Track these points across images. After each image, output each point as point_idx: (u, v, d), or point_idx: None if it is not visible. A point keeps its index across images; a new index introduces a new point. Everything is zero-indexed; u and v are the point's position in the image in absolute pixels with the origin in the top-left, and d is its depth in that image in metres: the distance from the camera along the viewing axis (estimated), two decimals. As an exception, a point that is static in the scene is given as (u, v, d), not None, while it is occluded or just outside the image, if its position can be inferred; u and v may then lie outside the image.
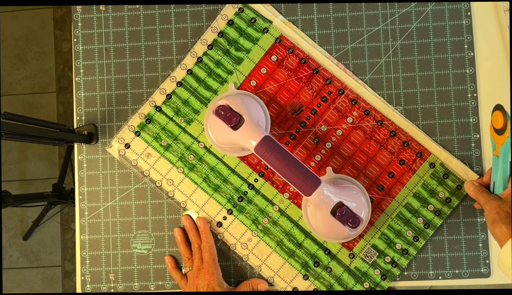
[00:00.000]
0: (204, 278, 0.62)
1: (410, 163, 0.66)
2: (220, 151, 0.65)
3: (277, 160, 0.58)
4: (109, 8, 0.71)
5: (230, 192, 0.68)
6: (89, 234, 0.69)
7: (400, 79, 0.68)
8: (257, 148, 0.58)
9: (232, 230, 0.67)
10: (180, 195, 0.68)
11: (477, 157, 0.66)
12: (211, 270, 0.63)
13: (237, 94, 0.64)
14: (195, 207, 0.68)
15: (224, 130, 0.61)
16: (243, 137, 0.59)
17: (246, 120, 0.60)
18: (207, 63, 0.69)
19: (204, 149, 0.68)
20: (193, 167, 0.68)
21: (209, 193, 0.68)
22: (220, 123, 0.61)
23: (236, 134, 0.60)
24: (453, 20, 0.68)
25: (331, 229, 0.59)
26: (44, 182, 1.53)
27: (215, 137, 0.63)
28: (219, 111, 0.61)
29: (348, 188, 0.61)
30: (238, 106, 0.61)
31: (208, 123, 0.63)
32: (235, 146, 0.63)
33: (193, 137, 0.68)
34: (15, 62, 1.56)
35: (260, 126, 0.61)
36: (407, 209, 0.65)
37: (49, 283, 1.52)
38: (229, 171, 0.68)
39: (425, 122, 0.67)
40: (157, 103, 0.69)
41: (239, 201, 0.68)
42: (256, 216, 0.67)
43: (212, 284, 0.62)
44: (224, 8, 0.69)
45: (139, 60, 0.71)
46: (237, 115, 0.60)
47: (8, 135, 0.54)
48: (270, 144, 0.58)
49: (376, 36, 0.68)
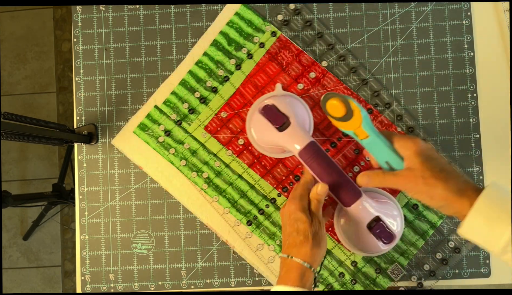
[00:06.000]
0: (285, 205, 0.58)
1: None
2: (259, 149, 0.65)
3: (320, 167, 0.57)
4: (109, 8, 0.71)
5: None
6: (89, 234, 0.69)
7: (400, 79, 0.68)
8: (301, 152, 0.57)
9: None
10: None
11: (477, 157, 0.66)
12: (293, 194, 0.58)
13: (284, 96, 0.64)
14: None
15: (268, 130, 0.60)
16: (288, 140, 0.59)
17: (293, 123, 0.59)
18: (207, 63, 0.69)
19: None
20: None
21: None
22: (265, 123, 0.60)
23: (280, 136, 0.59)
24: (453, 20, 0.68)
25: (364, 242, 0.58)
26: (44, 182, 1.53)
27: (257, 135, 0.63)
28: (266, 110, 0.60)
29: (386, 202, 0.61)
30: (285, 107, 0.60)
31: (252, 121, 0.63)
32: (275, 147, 0.63)
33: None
34: (15, 62, 1.56)
35: (306, 130, 0.60)
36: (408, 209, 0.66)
37: (49, 283, 1.52)
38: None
39: (425, 122, 0.67)
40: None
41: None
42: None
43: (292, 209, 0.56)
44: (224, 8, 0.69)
45: (139, 60, 0.70)
46: (284, 117, 0.59)
47: (8, 135, 0.54)
48: (315, 150, 0.57)
49: (376, 36, 0.68)
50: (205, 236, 0.68)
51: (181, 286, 0.68)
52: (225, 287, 0.68)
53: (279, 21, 0.69)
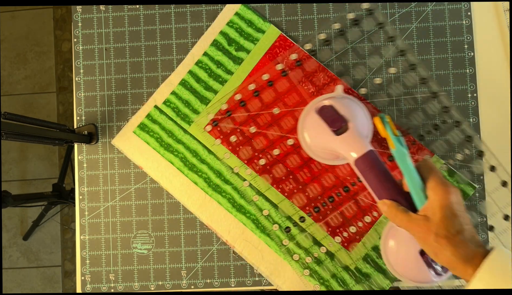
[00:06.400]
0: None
1: None
2: (309, 153, 0.60)
3: (377, 179, 0.51)
4: (109, 8, 0.71)
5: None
6: (89, 234, 0.69)
7: (400, 78, 0.68)
8: (358, 161, 0.53)
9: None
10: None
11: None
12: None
13: (344, 98, 0.59)
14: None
15: (323, 133, 0.55)
16: (345, 145, 0.54)
17: (352, 128, 0.54)
18: (207, 63, 0.69)
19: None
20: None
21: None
22: (321, 125, 0.55)
23: (336, 140, 0.54)
24: (453, 20, 0.68)
25: (413, 269, 0.54)
26: (44, 182, 1.54)
27: (310, 137, 0.58)
28: (323, 111, 0.56)
29: None
30: (345, 110, 0.55)
31: (306, 122, 0.58)
32: (328, 152, 0.58)
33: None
34: (15, 62, 1.56)
35: (365, 137, 0.55)
36: None
37: (49, 283, 1.52)
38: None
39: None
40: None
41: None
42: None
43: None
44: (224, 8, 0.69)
45: (139, 60, 0.71)
46: (343, 120, 0.55)
47: (8, 135, 0.54)
48: (374, 160, 0.52)
49: (376, 36, 0.68)
50: (205, 236, 0.68)
51: (181, 286, 0.68)
52: (225, 287, 0.68)
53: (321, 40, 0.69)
